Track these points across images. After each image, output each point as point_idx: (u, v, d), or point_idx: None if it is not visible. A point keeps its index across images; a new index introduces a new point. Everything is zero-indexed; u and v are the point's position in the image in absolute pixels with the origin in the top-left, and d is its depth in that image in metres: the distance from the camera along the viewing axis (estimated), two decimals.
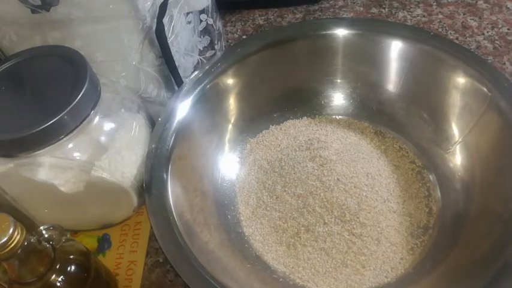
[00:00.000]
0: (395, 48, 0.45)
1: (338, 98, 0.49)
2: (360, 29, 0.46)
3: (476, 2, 0.60)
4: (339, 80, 0.48)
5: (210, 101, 0.44)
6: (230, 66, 0.45)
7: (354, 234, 0.39)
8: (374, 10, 0.61)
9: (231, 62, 0.45)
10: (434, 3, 0.60)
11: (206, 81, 0.43)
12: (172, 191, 0.37)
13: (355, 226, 0.39)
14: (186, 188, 0.39)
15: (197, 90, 0.43)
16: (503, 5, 0.59)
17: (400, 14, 0.59)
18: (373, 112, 0.48)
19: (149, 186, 0.37)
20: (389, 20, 0.58)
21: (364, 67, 0.47)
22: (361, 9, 0.61)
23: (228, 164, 0.45)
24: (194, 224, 0.37)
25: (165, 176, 0.37)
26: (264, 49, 0.46)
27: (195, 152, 0.43)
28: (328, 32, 0.46)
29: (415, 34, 0.44)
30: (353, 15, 0.60)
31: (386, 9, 0.60)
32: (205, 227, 0.39)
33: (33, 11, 0.37)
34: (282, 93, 0.48)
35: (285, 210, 0.41)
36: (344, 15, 0.60)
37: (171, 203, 0.36)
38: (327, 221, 0.39)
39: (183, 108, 0.42)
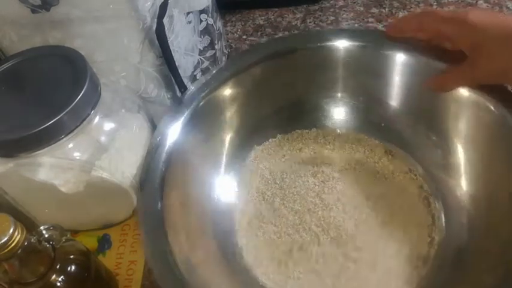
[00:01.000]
0: (399, 62, 0.43)
1: (347, 112, 0.46)
2: (368, 41, 0.43)
3: (477, 1, 0.60)
4: (347, 94, 0.46)
5: (215, 109, 0.43)
6: (233, 76, 0.43)
7: (348, 258, 0.37)
8: (374, 10, 0.60)
9: (235, 72, 0.43)
10: (435, 3, 0.60)
11: (209, 89, 0.42)
12: (167, 195, 0.36)
13: (350, 249, 0.37)
14: (183, 192, 0.39)
15: (200, 97, 0.41)
16: (503, 5, 0.59)
17: (401, 14, 0.59)
18: (382, 129, 0.45)
19: (143, 187, 0.36)
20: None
21: (373, 81, 0.44)
22: (362, 9, 0.61)
23: (231, 170, 0.44)
24: (185, 229, 0.36)
25: (160, 179, 0.36)
26: (269, 59, 0.44)
27: (195, 157, 0.42)
28: (333, 44, 0.44)
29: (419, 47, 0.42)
30: (353, 15, 0.60)
31: (387, 9, 0.60)
32: (198, 234, 0.38)
33: (33, 11, 0.37)
34: (291, 104, 0.46)
35: (281, 225, 0.40)
36: (344, 15, 0.60)
37: (165, 207, 0.35)
38: (321, 241, 0.38)
39: (185, 115, 0.40)
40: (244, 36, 0.61)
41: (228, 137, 0.45)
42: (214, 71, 0.43)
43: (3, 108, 0.35)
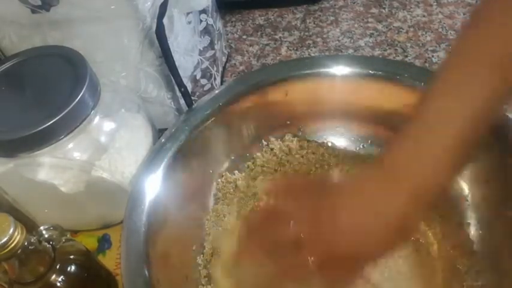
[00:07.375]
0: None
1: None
2: (380, 70, 0.42)
3: (477, 1, 0.60)
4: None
5: (223, 127, 0.43)
6: (235, 98, 0.43)
7: None
8: (374, 10, 0.61)
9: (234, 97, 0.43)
10: (435, 3, 0.60)
11: (210, 109, 0.42)
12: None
13: None
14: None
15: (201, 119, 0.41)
16: None
17: (400, 14, 0.59)
18: None
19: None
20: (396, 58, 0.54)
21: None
22: (361, 9, 0.61)
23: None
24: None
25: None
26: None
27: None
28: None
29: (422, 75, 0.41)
30: (353, 15, 0.60)
31: (387, 9, 0.60)
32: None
33: (33, 11, 0.37)
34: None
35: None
36: (344, 16, 0.60)
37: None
38: None
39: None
40: (244, 36, 0.61)
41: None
42: (199, 103, 0.43)
43: (3, 108, 0.35)
